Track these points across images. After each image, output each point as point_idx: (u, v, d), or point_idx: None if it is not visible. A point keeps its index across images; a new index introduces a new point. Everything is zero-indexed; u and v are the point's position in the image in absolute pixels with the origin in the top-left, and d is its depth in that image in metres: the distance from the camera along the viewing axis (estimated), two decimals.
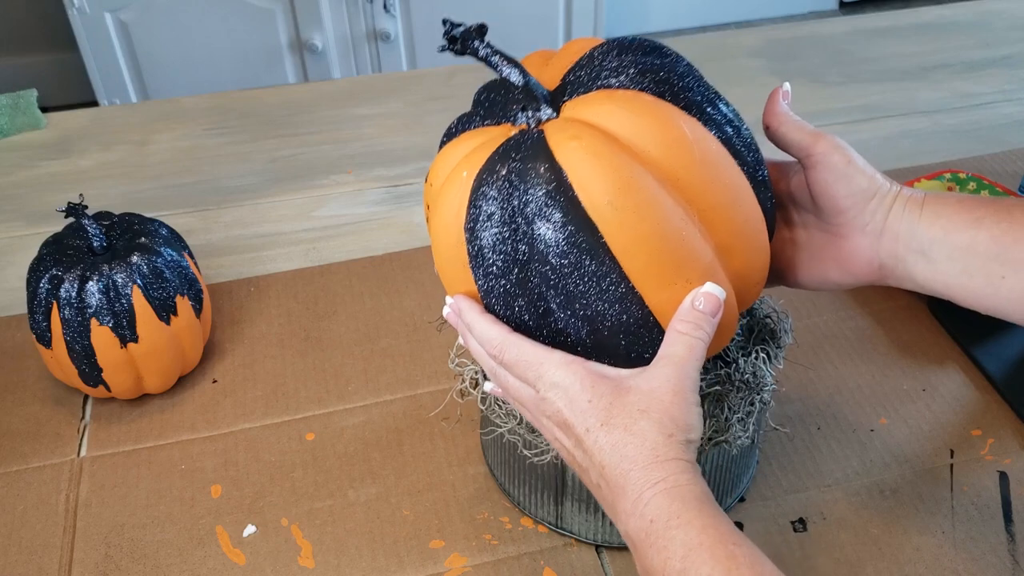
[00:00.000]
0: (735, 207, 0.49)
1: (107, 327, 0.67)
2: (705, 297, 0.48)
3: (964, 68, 1.15)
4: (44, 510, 0.66)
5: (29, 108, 1.07)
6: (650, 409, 0.47)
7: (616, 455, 0.46)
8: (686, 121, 0.48)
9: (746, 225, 0.50)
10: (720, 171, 0.48)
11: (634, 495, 0.45)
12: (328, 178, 0.98)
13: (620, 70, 0.49)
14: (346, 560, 0.62)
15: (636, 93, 0.49)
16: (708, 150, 0.48)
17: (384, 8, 1.95)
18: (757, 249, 0.51)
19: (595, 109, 0.48)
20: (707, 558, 0.43)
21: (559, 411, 0.49)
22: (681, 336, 0.48)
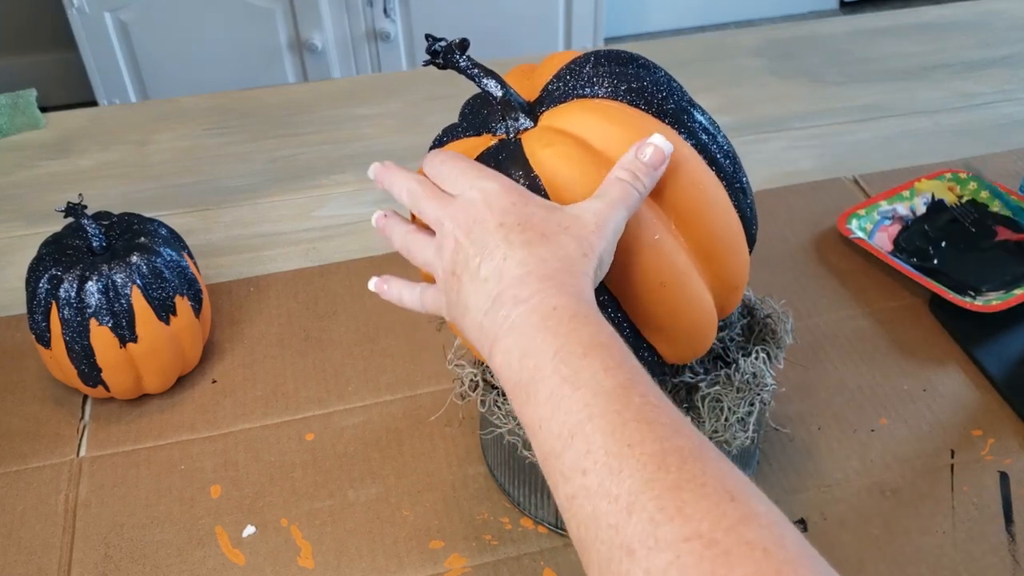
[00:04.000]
0: (710, 212, 0.50)
1: (106, 327, 0.67)
2: (649, 148, 0.48)
3: (964, 68, 1.15)
4: (43, 510, 0.66)
5: (28, 108, 1.07)
6: (571, 228, 0.46)
7: (526, 250, 0.45)
8: (660, 129, 0.49)
9: (723, 230, 0.51)
10: (694, 177, 0.50)
11: (536, 285, 0.44)
12: (328, 178, 0.98)
13: (596, 81, 0.51)
14: (346, 560, 0.62)
15: (611, 102, 0.50)
16: (682, 157, 0.49)
17: (384, 13, 1.95)
18: (735, 253, 0.52)
19: (570, 118, 0.50)
20: (610, 353, 0.41)
21: (473, 205, 0.47)
22: (618, 182, 0.47)
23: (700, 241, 0.50)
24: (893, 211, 0.88)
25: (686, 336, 0.52)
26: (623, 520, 0.35)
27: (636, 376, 0.40)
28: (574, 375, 0.40)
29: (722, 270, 0.52)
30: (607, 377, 0.39)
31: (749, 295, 0.64)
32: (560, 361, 0.41)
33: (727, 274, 0.52)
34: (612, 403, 0.38)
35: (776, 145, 1.01)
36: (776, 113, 1.06)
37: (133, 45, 1.92)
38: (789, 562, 0.32)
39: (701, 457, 0.36)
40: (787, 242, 0.87)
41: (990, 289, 0.80)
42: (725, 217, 0.51)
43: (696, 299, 0.51)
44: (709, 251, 0.50)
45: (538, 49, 2.10)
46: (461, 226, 0.47)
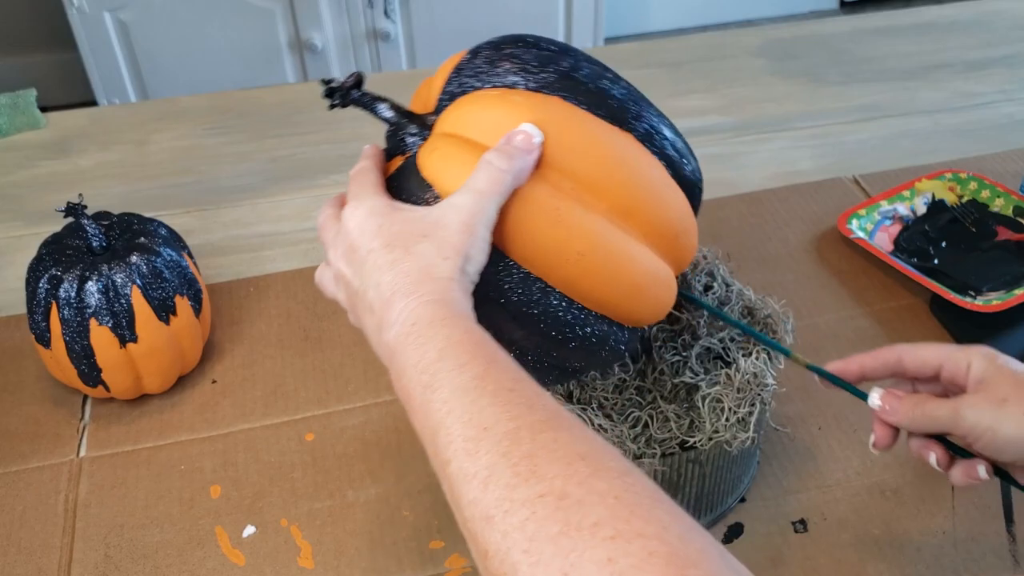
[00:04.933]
0: (618, 169, 0.50)
1: (106, 327, 0.67)
2: (519, 135, 0.48)
3: (965, 68, 1.14)
4: (43, 510, 0.66)
5: (28, 108, 1.07)
6: (432, 235, 0.47)
7: (392, 271, 0.46)
8: (543, 102, 0.49)
9: (637, 182, 0.50)
10: (586, 133, 0.49)
11: (400, 304, 0.45)
12: (328, 178, 0.98)
13: (479, 72, 0.52)
14: (346, 561, 0.62)
15: (485, 91, 0.51)
16: (564, 115, 0.49)
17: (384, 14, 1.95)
18: (660, 200, 0.51)
19: (451, 117, 0.51)
20: (466, 350, 0.42)
21: (348, 234, 0.49)
22: (486, 168, 0.47)
23: (616, 199, 0.49)
24: (893, 211, 0.88)
25: (632, 298, 0.51)
26: (480, 493, 0.37)
27: (490, 365, 0.42)
28: (432, 379, 0.42)
29: (653, 220, 0.51)
30: (460, 373, 0.41)
31: (749, 295, 0.64)
32: (420, 371, 0.43)
33: (659, 224, 0.51)
34: (467, 395, 0.40)
35: (776, 145, 1.01)
36: (776, 113, 1.06)
37: (133, 45, 1.92)
38: (640, 504, 0.34)
39: (554, 428, 0.38)
40: (787, 242, 0.87)
41: (990, 289, 0.80)
42: (636, 169, 0.50)
43: (627, 258, 0.50)
44: (628, 207, 0.50)
45: None
46: (342, 258, 0.50)
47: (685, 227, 0.53)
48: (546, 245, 0.48)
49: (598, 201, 0.49)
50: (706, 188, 0.52)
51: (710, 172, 0.97)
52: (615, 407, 0.58)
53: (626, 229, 0.50)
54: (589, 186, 0.49)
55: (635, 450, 0.55)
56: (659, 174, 0.51)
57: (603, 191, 0.49)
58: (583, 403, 0.58)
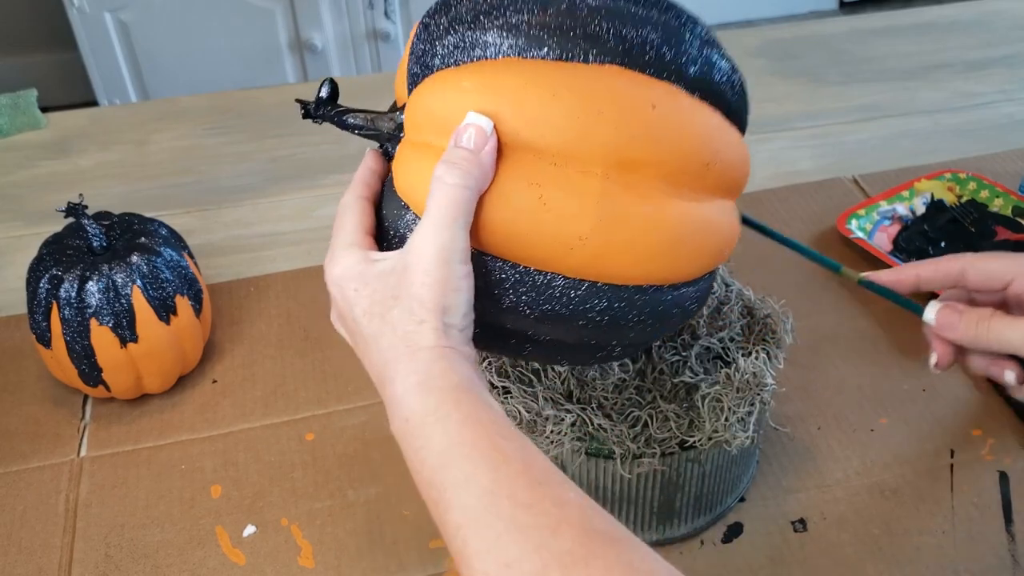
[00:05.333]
0: (596, 118, 0.41)
1: (107, 327, 0.67)
2: (466, 131, 0.41)
3: (965, 68, 1.15)
4: (44, 510, 0.66)
5: (29, 108, 1.07)
6: (400, 295, 0.41)
7: (376, 348, 0.42)
8: (484, 70, 0.43)
9: (628, 121, 0.42)
10: (546, 93, 0.41)
11: (390, 391, 0.41)
12: (328, 177, 0.98)
13: (431, 41, 0.45)
14: (346, 560, 0.62)
15: (437, 74, 0.44)
16: (517, 81, 0.42)
17: (385, 15, 1.95)
18: (666, 134, 0.43)
19: (409, 117, 0.46)
20: (468, 454, 0.37)
21: (333, 298, 0.45)
22: (441, 188, 0.41)
23: (608, 156, 0.42)
24: (893, 211, 0.88)
25: (672, 255, 0.45)
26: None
27: (499, 470, 0.37)
28: (440, 496, 0.38)
29: (662, 162, 0.43)
30: (467, 488, 0.37)
31: (749, 295, 0.64)
32: (427, 483, 0.39)
33: (674, 161, 0.43)
34: (481, 519, 0.36)
35: (776, 145, 1.01)
36: (776, 113, 1.06)
37: (133, 45, 1.92)
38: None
39: (585, 559, 0.34)
40: None
41: None
42: (623, 110, 0.42)
43: (642, 220, 0.43)
44: (627, 159, 0.42)
45: None
46: (338, 320, 0.47)
47: (714, 149, 0.45)
48: (540, 239, 0.42)
49: (589, 166, 0.42)
50: None
51: None
52: (615, 407, 0.58)
53: (634, 185, 0.43)
54: (570, 154, 0.42)
55: (635, 450, 0.55)
56: (661, 98, 0.43)
57: (588, 153, 0.42)
58: (583, 403, 0.58)
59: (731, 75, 0.46)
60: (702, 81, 0.45)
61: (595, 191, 0.42)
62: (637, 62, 0.43)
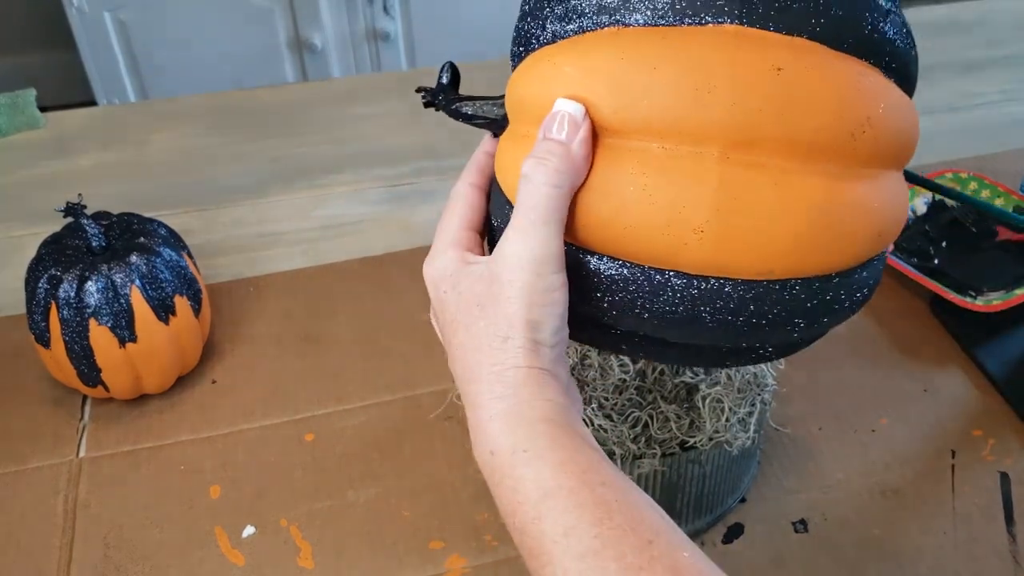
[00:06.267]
0: (705, 90, 0.36)
1: (106, 327, 0.67)
2: (555, 121, 0.36)
3: (965, 67, 1.14)
4: (43, 511, 0.65)
5: (28, 107, 1.07)
6: (486, 306, 0.37)
7: (460, 361, 0.38)
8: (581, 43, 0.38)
9: (744, 91, 0.36)
10: (646, 63, 0.36)
11: (474, 417, 0.37)
12: (328, 177, 0.98)
13: (525, 31, 0.41)
14: (345, 561, 0.62)
15: (536, 53, 0.40)
16: (612, 53, 0.37)
17: (384, 10, 1.95)
18: (796, 103, 0.36)
19: (508, 107, 0.42)
20: (566, 505, 0.33)
21: (432, 298, 0.41)
22: (527, 186, 0.37)
23: (723, 132, 0.36)
24: None
25: (818, 243, 0.38)
26: None
27: (603, 523, 0.33)
28: (539, 547, 0.34)
29: (793, 137, 0.36)
30: (567, 545, 0.33)
31: None
32: (520, 532, 0.35)
33: (809, 133, 0.36)
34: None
35: None
36: None
37: (132, 45, 1.91)
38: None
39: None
40: None
41: (991, 289, 0.79)
42: (737, 77, 0.36)
43: (770, 205, 0.37)
44: (746, 137, 0.36)
45: None
46: (437, 328, 0.43)
47: (863, 115, 0.37)
48: (650, 233, 0.37)
49: (702, 147, 0.36)
50: None
51: None
52: (615, 407, 0.58)
53: (759, 164, 0.36)
54: (679, 134, 0.36)
55: (635, 450, 0.55)
56: (788, 59, 0.36)
57: (700, 132, 0.36)
58: (583, 403, 0.58)
59: (887, 18, 0.37)
60: (846, 29, 0.36)
61: (711, 176, 0.36)
62: (756, 17, 0.36)
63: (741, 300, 0.38)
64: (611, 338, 0.42)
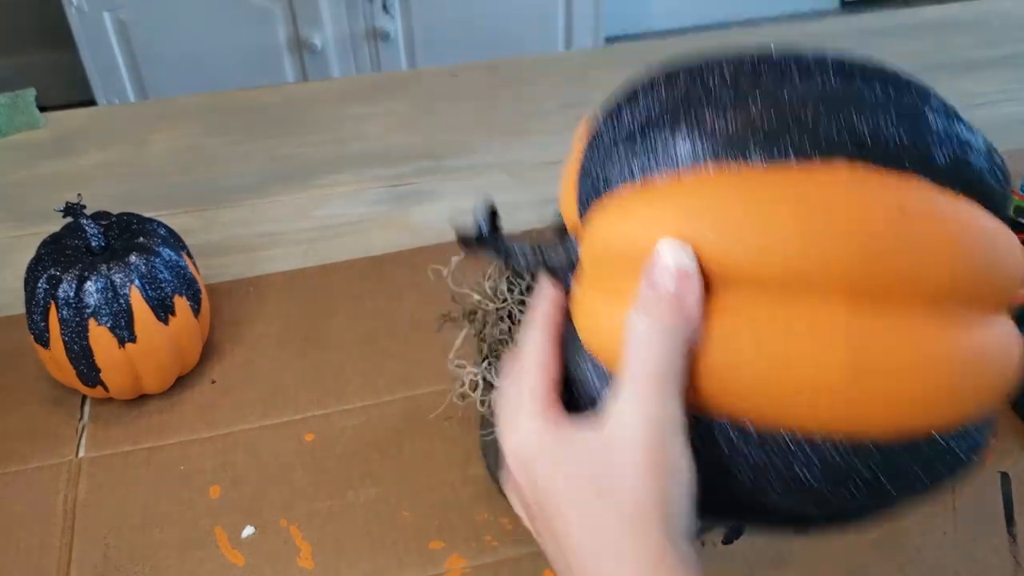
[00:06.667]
0: (833, 234, 0.32)
1: (105, 327, 0.67)
2: (661, 274, 0.32)
3: (965, 68, 1.14)
4: (42, 511, 0.65)
5: (27, 107, 1.07)
6: (603, 488, 0.32)
7: (569, 551, 0.33)
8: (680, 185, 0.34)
9: (870, 239, 0.33)
10: (764, 207, 0.33)
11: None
12: (327, 178, 0.98)
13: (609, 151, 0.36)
14: (345, 561, 0.62)
15: (616, 192, 0.36)
16: (724, 192, 0.34)
17: (384, 9, 1.95)
18: (925, 249, 0.33)
19: (586, 250, 0.37)
20: None
21: (513, 471, 0.36)
22: (638, 346, 0.33)
23: (850, 278, 0.33)
24: None
25: (944, 399, 0.36)
26: None
27: None
28: None
29: (921, 284, 0.34)
30: None
31: None
32: None
33: (937, 281, 0.34)
34: None
35: None
36: None
37: (132, 44, 1.92)
38: None
39: None
40: None
41: None
42: (862, 223, 0.33)
43: (898, 360, 0.34)
44: (876, 286, 0.33)
45: (538, 48, 2.10)
46: (518, 503, 0.38)
47: (986, 258, 0.35)
48: (776, 392, 0.34)
49: (828, 295, 0.33)
50: None
51: None
52: None
53: (890, 313, 0.33)
54: (802, 281, 0.33)
55: None
56: (910, 199, 0.33)
57: (825, 279, 0.33)
58: None
59: (989, 156, 0.36)
60: (956, 169, 0.35)
61: (841, 326, 0.33)
62: (872, 156, 0.33)
63: (877, 462, 0.35)
64: (736, 511, 0.38)
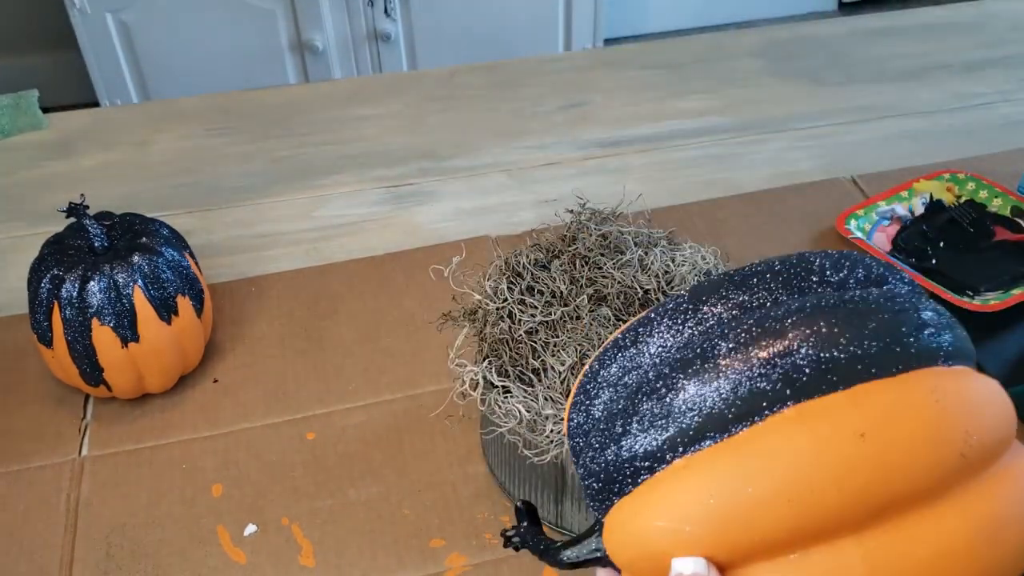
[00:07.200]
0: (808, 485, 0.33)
1: (108, 327, 0.67)
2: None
3: (963, 68, 1.15)
4: (45, 509, 0.66)
5: (31, 108, 1.07)
6: None
7: None
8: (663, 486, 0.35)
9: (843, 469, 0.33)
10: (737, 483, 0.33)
11: None
12: (329, 178, 0.98)
13: (595, 473, 0.37)
14: (346, 559, 0.62)
15: (616, 508, 0.37)
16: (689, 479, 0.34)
17: (385, 12, 1.95)
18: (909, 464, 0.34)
19: (612, 554, 0.38)
20: None
21: None
22: None
23: (848, 516, 0.33)
24: (891, 211, 0.88)
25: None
26: None
27: None
28: None
29: (912, 493, 0.34)
30: None
31: None
32: None
33: (924, 483, 0.34)
34: None
35: (776, 145, 1.01)
36: (776, 113, 1.06)
37: (135, 46, 1.92)
38: None
39: None
40: (786, 242, 0.88)
41: (988, 289, 0.80)
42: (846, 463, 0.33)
43: (925, 561, 0.34)
44: (870, 513, 0.33)
45: (538, 49, 2.10)
46: None
47: (962, 430, 0.35)
48: None
49: (833, 540, 0.34)
50: (706, 188, 0.51)
51: (710, 173, 0.97)
52: None
53: (895, 526, 0.34)
54: (804, 538, 0.34)
55: None
56: (865, 418, 0.34)
57: (823, 527, 0.33)
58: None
59: (925, 329, 0.36)
60: (893, 358, 0.35)
61: (856, 561, 0.34)
62: (805, 389, 0.34)
63: None
64: None
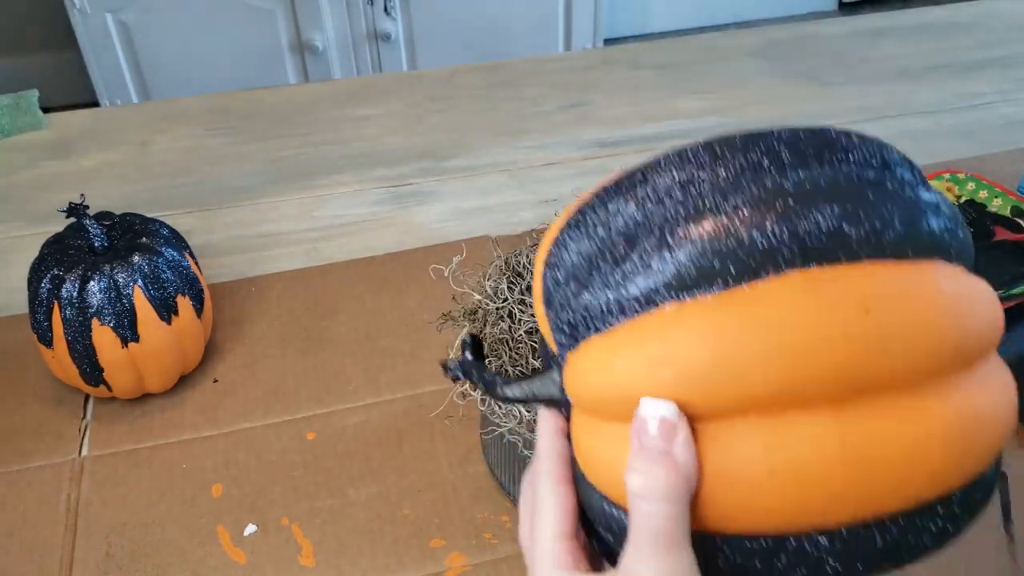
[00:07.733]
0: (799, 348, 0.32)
1: (108, 327, 0.67)
2: (646, 426, 0.32)
3: (963, 68, 1.15)
4: (45, 509, 0.66)
5: (31, 108, 1.07)
6: None
7: None
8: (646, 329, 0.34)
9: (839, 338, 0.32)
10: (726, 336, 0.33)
11: None
12: (329, 178, 0.98)
13: (568, 316, 0.36)
14: (346, 559, 0.62)
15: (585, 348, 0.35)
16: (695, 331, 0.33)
17: (385, 11, 1.95)
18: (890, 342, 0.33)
19: (573, 395, 0.37)
20: None
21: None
22: (640, 510, 0.33)
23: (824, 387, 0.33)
24: None
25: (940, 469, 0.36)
26: None
27: None
28: None
29: (895, 374, 0.33)
30: None
31: None
32: None
33: (909, 367, 0.33)
34: None
35: None
36: (776, 113, 1.06)
37: (134, 46, 1.92)
38: None
39: None
40: None
41: None
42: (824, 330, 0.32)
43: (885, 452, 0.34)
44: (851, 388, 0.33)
45: (538, 49, 2.10)
46: None
47: (960, 324, 0.34)
48: (781, 507, 0.34)
49: (811, 407, 0.33)
50: None
51: None
52: None
53: (875, 406, 0.33)
54: (782, 402, 0.33)
55: None
56: (872, 292, 0.33)
57: (802, 394, 0.33)
58: None
59: (938, 213, 0.35)
60: (908, 241, 0.34)
61: (831, 435, 0.33)
62: (818, 255, 0.32)
63: (888, 537, 0.37)
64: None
